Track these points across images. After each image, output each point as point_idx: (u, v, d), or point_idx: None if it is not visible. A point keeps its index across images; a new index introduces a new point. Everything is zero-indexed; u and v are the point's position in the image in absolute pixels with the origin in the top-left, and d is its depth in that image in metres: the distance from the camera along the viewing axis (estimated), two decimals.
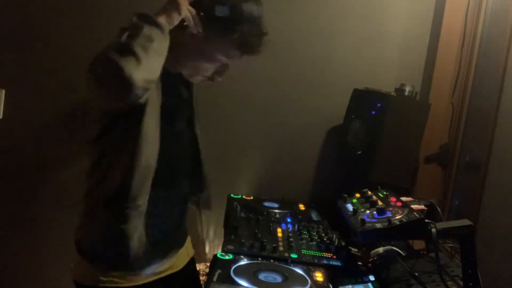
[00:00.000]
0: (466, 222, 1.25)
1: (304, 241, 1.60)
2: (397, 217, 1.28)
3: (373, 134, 1.91)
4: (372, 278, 1.36)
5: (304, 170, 2.30)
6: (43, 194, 2.20)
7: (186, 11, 1.28)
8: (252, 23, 1.36)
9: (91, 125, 1.35)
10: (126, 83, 1.10)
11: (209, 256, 2.23)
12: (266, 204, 1.96)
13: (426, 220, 1.26)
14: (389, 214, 1.32)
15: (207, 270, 1.97)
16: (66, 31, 2.16)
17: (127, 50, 1.13)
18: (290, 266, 1.37)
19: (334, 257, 1.50)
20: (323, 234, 1.68)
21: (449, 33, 2.11)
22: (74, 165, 2.16)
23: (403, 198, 1.52)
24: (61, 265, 1.51)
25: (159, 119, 1.32)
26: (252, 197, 2.05)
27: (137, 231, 1.32)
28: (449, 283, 1.34)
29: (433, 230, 1.23)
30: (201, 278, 2.10)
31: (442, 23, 2.12)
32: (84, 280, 1.42)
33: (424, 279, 1.38)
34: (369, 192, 1.57)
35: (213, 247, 2.26)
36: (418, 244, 1.71)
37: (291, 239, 1.57)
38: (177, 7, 1.26)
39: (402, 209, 1.34)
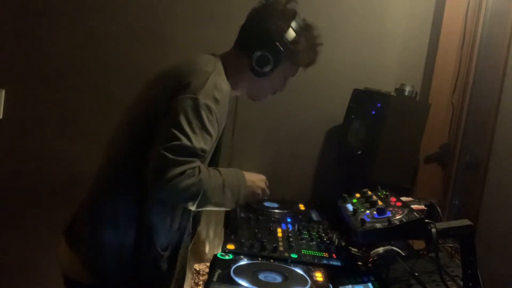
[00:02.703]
0: (466, 222, 1.25)
1: (304, 241, 1.60)
2: (397, 217, 1.28)
3: (373, 134, 1.91)
4: (372, 278, 1.36)
5: (304, 170, 2.30)
6: (43, 194, 2.20)
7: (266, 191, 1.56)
8: (312, 42, 1.51)
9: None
10: None
11: (209, 256, 2.23)
12: (266, 204, 1.96)
13: (426, 220, 1.25)
14: (389, 214, 1.32)
15: (207, 270, 1.97)
16: (66, 31, 2.16)
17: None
18: (290, 266, 1.37)
19: (334, 257, 1.50)
20: (323, 234, 1.68)
21: (449, 33, 2.11)
22: (74, 166, 2.17)
23: (403, 198, 1.52)
24: None
25: None
26: None
27: None
28: (449, 283, 1.33)
29: (433, 230, 1.23)
30: (201, 278, 2.11)
31: (442, 23, 2.11)
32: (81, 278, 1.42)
33: (424, 279, 1.37)
34: (369, 192, 1.57)
35: (213, 247, 2.26)
36: (418, 244, 1.71)
37: (291, 239, 1.57)
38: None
39: (402, 209, 1.34)
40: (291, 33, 1.45)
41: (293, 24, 1.46)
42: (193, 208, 1.34)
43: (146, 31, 2.17)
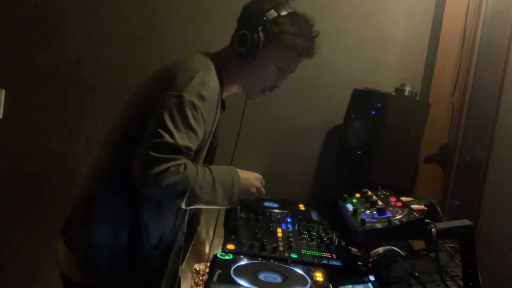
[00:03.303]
0: (466, 222, 1.25)
1: (304, 241, 1.60)
2: (397, 217, 1.28)
3: (373, 134, 1.91)
4: (372, 278, 1.36)
5: (304, 170, 2.30)
6: (42, 194, 2.20)
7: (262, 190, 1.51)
8: (303, 27, 1.46)
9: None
10: None
11: (209, 256, 2.23)
12: (266, 204, 1.97)
13: (426, 220, 1.25)
14: (389, 214, 1.32)
15: (207, 270, 1.97)
16: (66, 31, 2.16)
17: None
18: (290, 266, 1.37)
19: (334, 257, 1.50)
20: (323, 234, 1.68)
21: (449, 33, 2.11)
22: (73, 165, 2.17)
23: (403, 198, 1.51)
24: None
25: None
26: None
27: None
28: (449, 283, 1.33)
29: (433, 230, 1.23)
30: (201, 278, 2.10)
31: (442, 23, 2.11)
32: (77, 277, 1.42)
33: (424, 279, 1.38)
34: (369, 192, 1.57)
35: (213, 247, 2.26)
36: (418, 244, 1.71)
37: (291, 239, 1.57)
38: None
39: (402, 209, 1.34)
40: (272, 13, 1.42)
41: (278, 6, 1.43)
42: (183, 206, 1.33)
43: (146, 30, 2.18)
